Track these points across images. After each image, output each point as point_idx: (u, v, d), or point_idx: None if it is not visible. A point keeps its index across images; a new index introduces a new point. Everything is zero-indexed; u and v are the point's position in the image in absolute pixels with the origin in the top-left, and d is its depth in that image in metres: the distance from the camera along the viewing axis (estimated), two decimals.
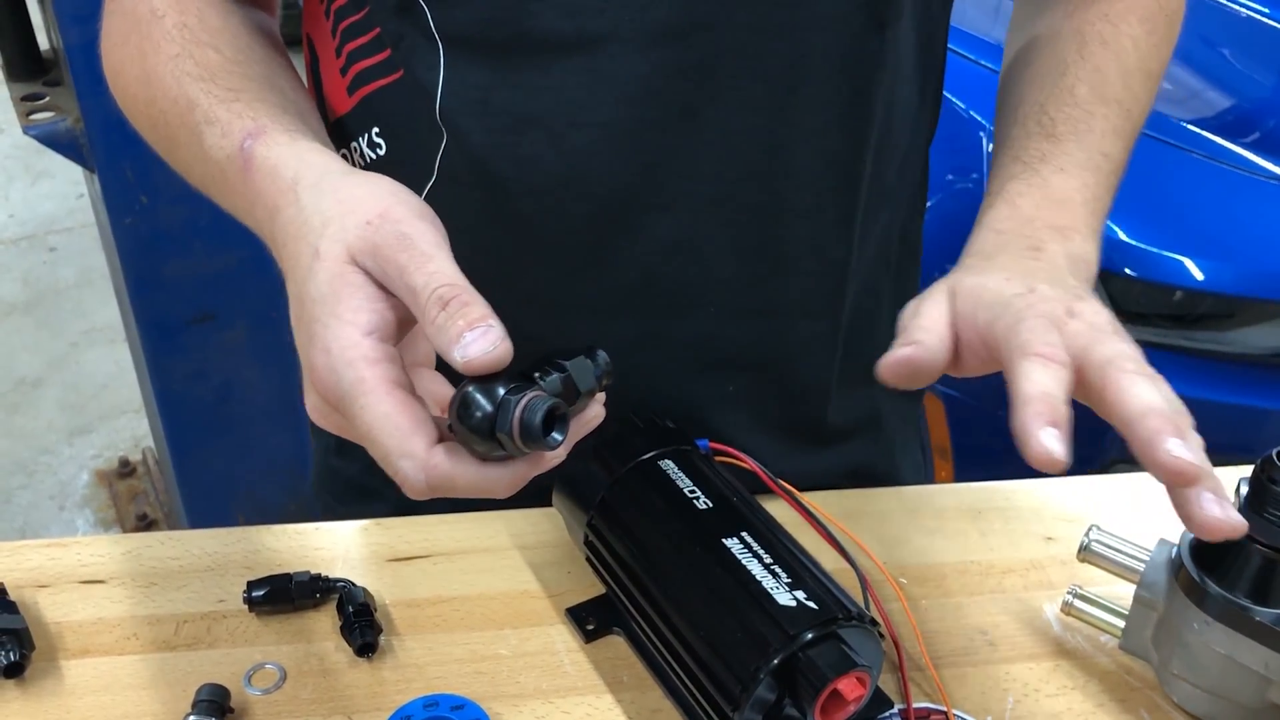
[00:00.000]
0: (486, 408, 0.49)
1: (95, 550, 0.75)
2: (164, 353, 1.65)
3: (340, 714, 0.65)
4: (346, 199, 0.54)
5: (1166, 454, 0.50)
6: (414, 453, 0.49)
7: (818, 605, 0.59)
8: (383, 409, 0.49)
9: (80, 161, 1.50)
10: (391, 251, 0.51)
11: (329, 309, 0.51)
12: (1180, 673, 0.64)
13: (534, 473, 0.52)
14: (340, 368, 0.50)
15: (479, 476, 0.50)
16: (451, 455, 0.50)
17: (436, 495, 0.51)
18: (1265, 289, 1.59)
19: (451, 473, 0.50)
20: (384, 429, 0.49)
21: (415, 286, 0.50)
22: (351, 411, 0.50)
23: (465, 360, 0.48)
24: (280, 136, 0.60)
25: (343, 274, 0.52)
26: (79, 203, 3.30)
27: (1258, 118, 1.91)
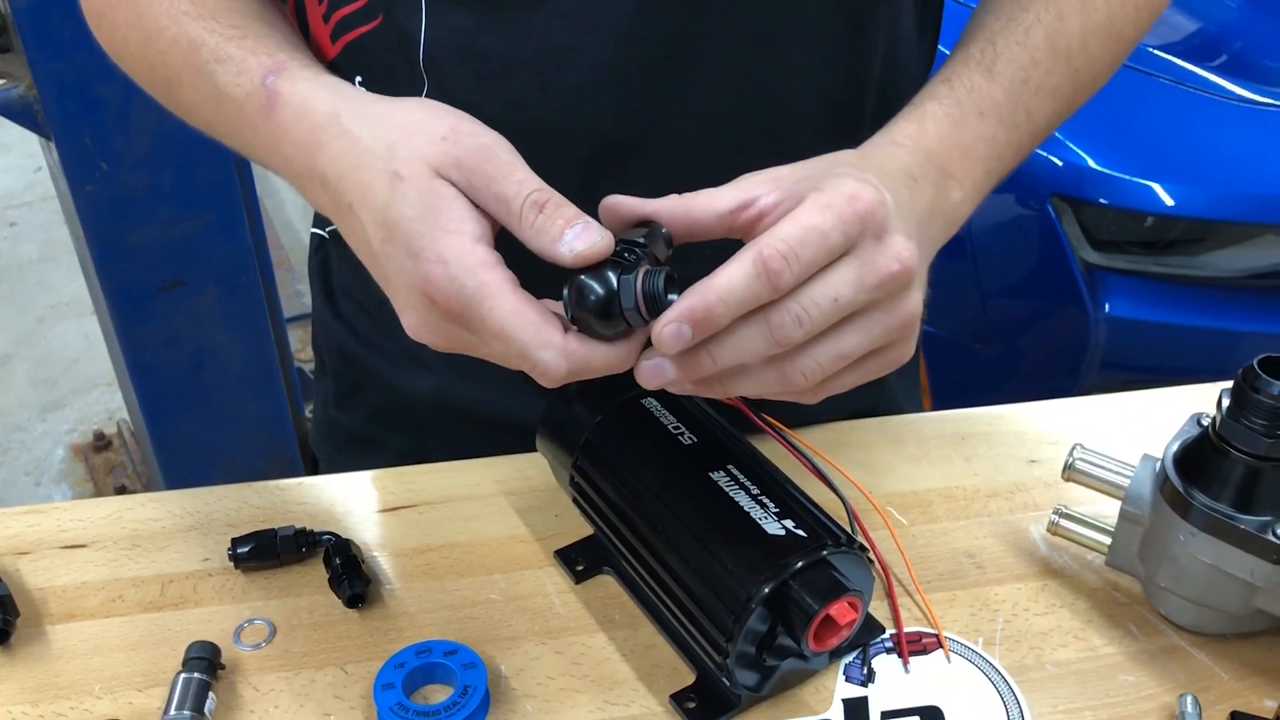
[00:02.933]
0: (603, 290, 0.52)
1: (75, 515, 0.74)
2: (134, 322, 1.62)
3: (333, 665, 0.64)
4: (405, 122, 0.55)
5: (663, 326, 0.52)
6: (551, 341, 0.52)
7: (806, 533, 0.59)
8: (511, 306, 0.51)
9: (35, 129, 1.47)
10: (475, 162, 0.53)
11: (431, 223, 0.52)
12: (1167, 585, 0.64)
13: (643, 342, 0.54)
14: (461, 275, 0.51)
15: (609, 353, 0.53)
16: (581, 340, 0.52)
17: (572, 379, 0.53)
18: (1235, 211, 1.60)
19: (587, 354, 0.52)
20: (517, 324, 0.51)
21: (506, 195, 0.52)
22: (479, 315, 0.52)
23: (575, 254, 0.51)
24: (303, 71, 0.59)
25: (434, 188, 0.53)
26: (37, 176, 3.25)
27: (1224, 41, 1.91)
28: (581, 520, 0.71)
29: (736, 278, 0.51)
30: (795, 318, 0.52)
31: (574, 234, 0.52)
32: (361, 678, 0.63)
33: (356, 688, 0.63)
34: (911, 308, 0.55)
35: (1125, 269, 1.62)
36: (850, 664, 0.65)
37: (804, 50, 0.68)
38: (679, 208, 0.55)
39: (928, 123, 0.63)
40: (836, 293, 0.52)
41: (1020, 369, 1.76)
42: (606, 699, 0.63)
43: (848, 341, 0.54)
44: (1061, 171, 1.60)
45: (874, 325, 0.54)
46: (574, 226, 0.52)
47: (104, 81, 1.42)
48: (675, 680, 0.63)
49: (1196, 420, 0.64)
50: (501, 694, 0.63)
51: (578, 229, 0.52)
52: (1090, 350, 1.62)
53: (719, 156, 0.70)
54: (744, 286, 0.51)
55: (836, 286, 0.52)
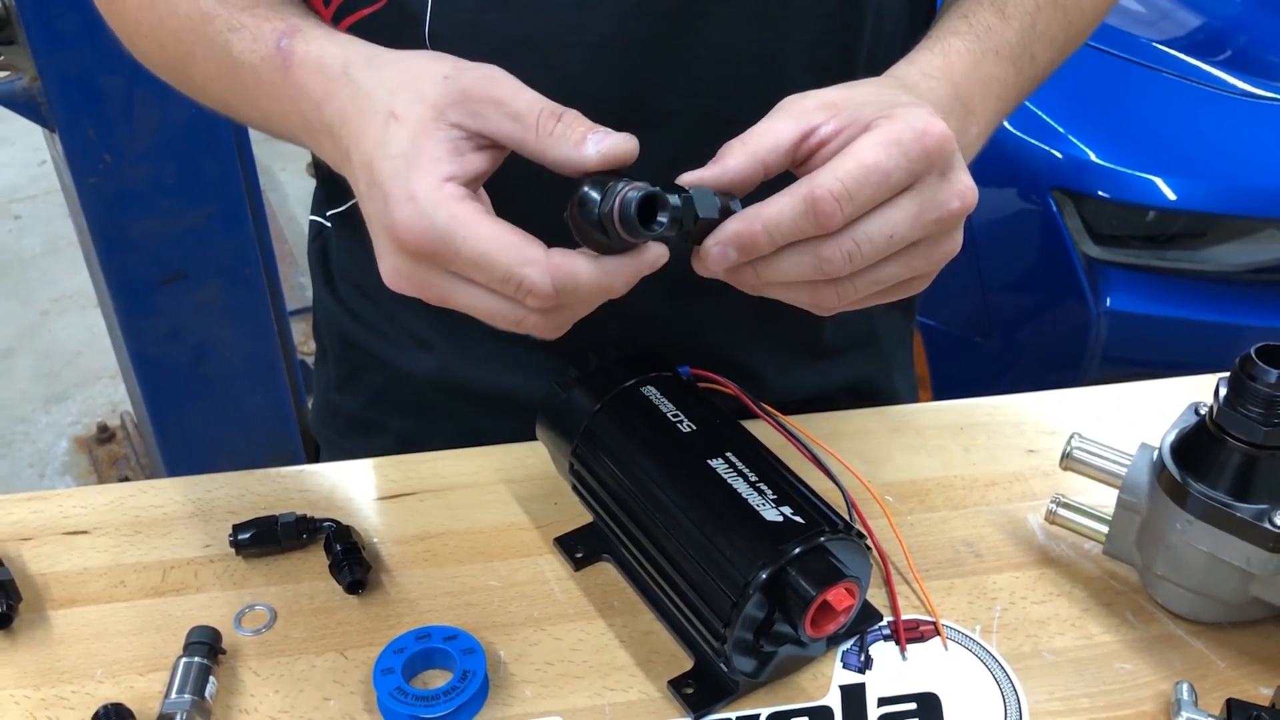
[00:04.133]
0: (598, 196, 0.50)
1: (77, 502, 0.74)
2: (137, 314, 1.63)
3: (333, 650, 0.65)
4: (409, 69, 0.55)
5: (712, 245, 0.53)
6: (534, 258, 0.50)
7: (804, 519, 0.59)
8: (488, 232, 0.50)
9: (39, 121, 1.47)
10: (483, 89, 0.52)
11: (409, 162, 0.51)
12: (1164, 573, 0.65)
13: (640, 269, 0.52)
14: (431, 210, 0.50)
15: (599, 268, 0.51)
16: (566, 253, 0.50)
17: (561, 301, 0.51)
18: (1237, 206, 1.60)
19: (574, 267, 0.50)
20: (497, 247, 0.50)
21: (520, 110, 0.51)
22: (454, 247, 0.50)
23: (600, 151, 0.50)
24: (316, 31, 0.59)
25: (425, 129, 0.52)
26: (41, 169, 3.25)
27: (1228, 36, 1.91)
28: (581, 508, 0.71)
29: (785, 213, 0.51)
30: (846, 254, 0.51)
31: (597, 138, 0.51)
32: (361, 663, 0.64)
33: (356, 673, 0.63)
34: (955, 245, 0.54)
35: (1126, 263, 1.62)
36: (848, 651, 0.65)
37: (800, 26, 0.69)
38: (750, 163, 0.54)
39: (952, 57, 0.63)
40: (893, 229, 0.51)
41: (1021, 363, 1.76)
42: (605, 685, 0.63)
43: (887, 271, 0.54)
44: (1063, 165, 1.61)
45: (916, 258, 0.54)
46: (597, 133, 0.51)
47: (108, 74, 1.42)
48: (673, 666, 0.64)
49: (1194, 409, 0.64)
50: (500, 679, 0.63)
51: (601, 133, 0.51)
52: (1091, 344, 1.62)
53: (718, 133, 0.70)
54: (791, 222, 0.51)
55: (894, 224, 0.52)
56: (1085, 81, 1.72)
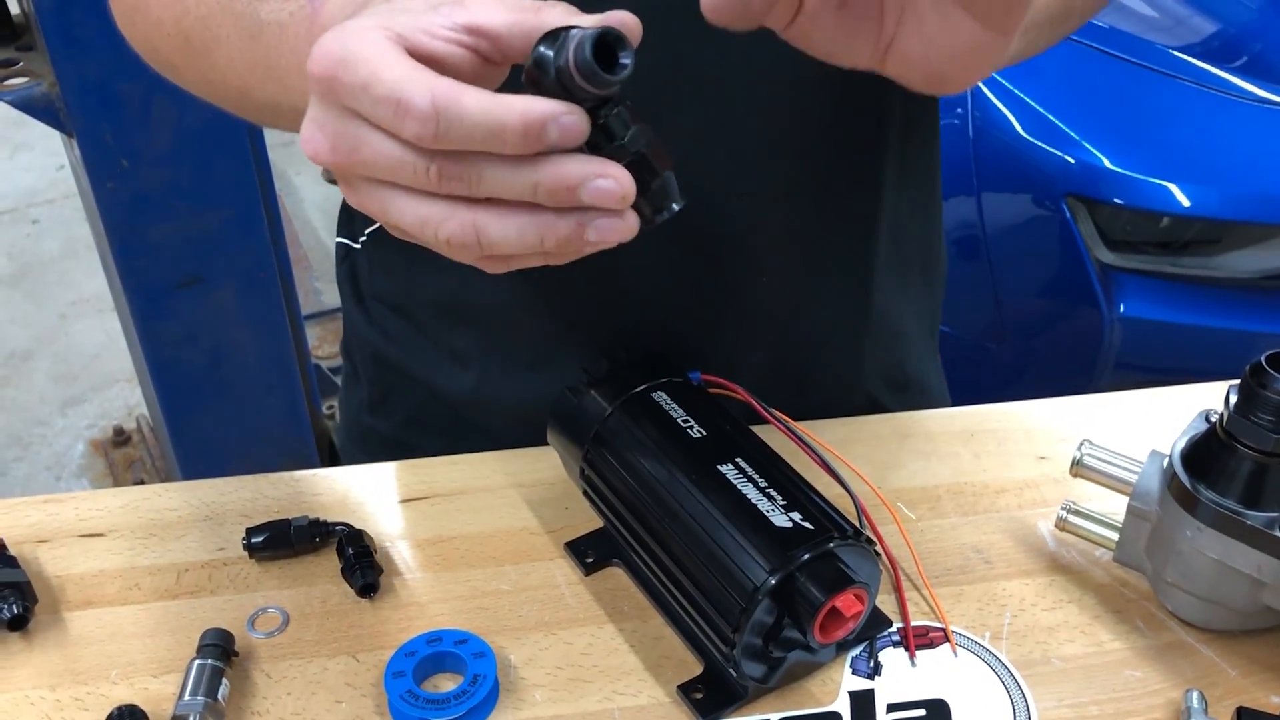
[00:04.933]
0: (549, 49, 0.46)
1: (93, 504, 0.75)
2: (153, 318, 1.64)
3: (345, 653, 0.65)
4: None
5: None
6: (420, 76, 0.46)
7: (813, 525, 0.59)
8: (389, 55, 0.46)
9: (58, 126, 1.49)
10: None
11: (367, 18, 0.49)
12: (1174, 581, 0.64)
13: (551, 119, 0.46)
14: (348, 37, 0.47)
15: (492, 99, 0.45)
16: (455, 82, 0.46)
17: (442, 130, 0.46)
18: (1251, 212, 1.59)
19: (461, 91, 0.45)
20: (388, 64, 0.46)
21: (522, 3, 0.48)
22: (351, 68, 0.46)
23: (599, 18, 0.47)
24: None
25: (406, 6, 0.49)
26: (60, 174, 3.28)
27: (1243, 42, 1.90)
28: (591, 512, 0.72)
29: None
30: None
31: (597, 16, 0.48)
32: (373, 666, 0.64)
33: (368, 676, 0.64)
34: None
35: (1140, 269, 1.61)
36: (857, 657, 0.65)
37: None
38: None
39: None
40: None
41: (1035, 369, 1.76)
42: (614, 689, 0.63)
43: None
44: (1077, 171, 1.60)
45: None
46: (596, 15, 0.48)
47: (125, 79, 1.43)
48: (683, 671, 0.64)
49: (1204, 416, 0.64)
50: (511, 683, 0.63)
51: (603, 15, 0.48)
52: (1105, 350, 1.61)
53: (749, 107, 0.70)
54: None
55: None
56: (1099, 87, 1.72)
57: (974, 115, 1.64)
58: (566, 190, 0.47)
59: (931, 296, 0.90)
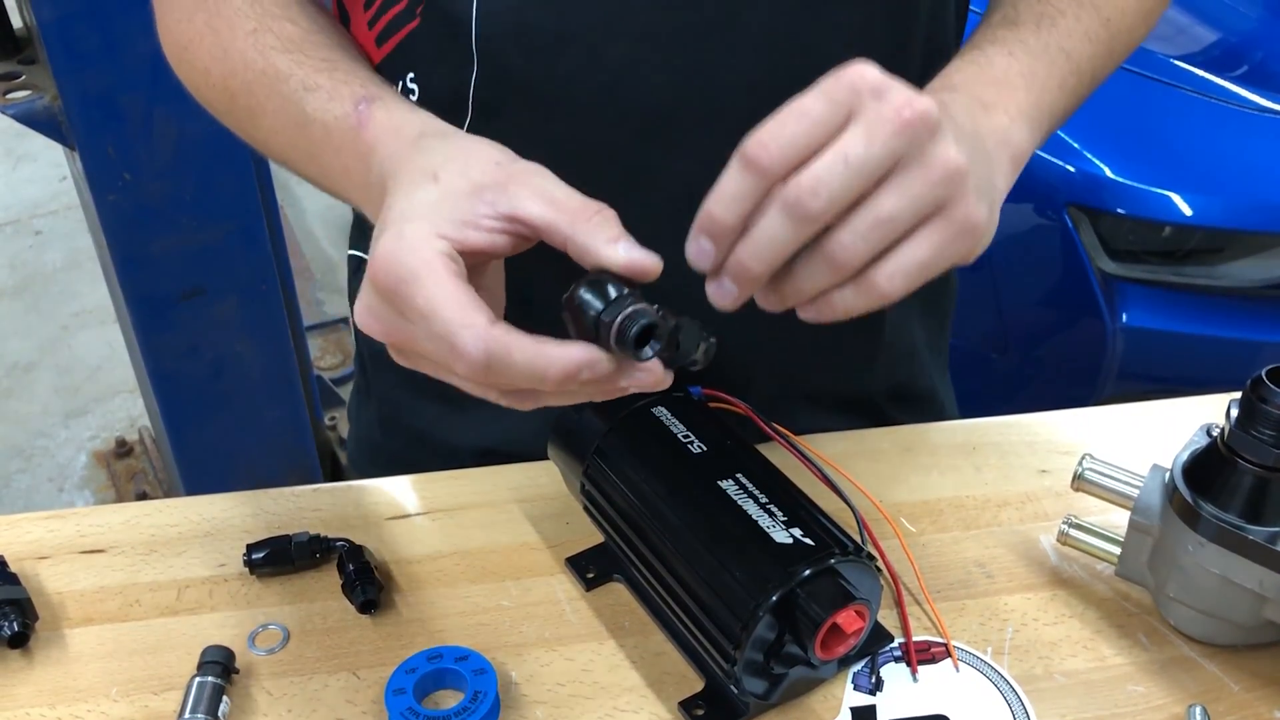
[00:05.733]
0: (603, 297, 0.51)
1: (94, 520, 0.75)
2: (155, 330, 1.64)
3: (345, 670, 0.65)
4: (468, 148, 0.56)
5: None
6: (475, 322, 0.50)
7: (814, 541, 0.59)
8: (447, 288, 0.50)
9: (60, 139, 1.49)
10: (527, 176, 0.53)
11: (419, 213, 0.52)
12: (1176, 595, 0.64)
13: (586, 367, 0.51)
14: (408, 250, 0.51)
15: (536, 350, 0.50)
16: (508, 329, 0.50)
17: (490, 373, 0.51)
18: (1254, 221, 1.59)
19: (509, 343, 0.50)
20: (446, 301, 0.50)
21: (559, 197, 0.52)
22: (410, 290, 0.50)
23: (629, 255, 0.51)
24: (394, 100, 0.61)
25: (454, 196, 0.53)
26: (62, 185, 3.28)
27: (1244, 51, 1.90)
28: (592, 528, 0.71)
29: (726, 182, 0.51)
30: (810, 188, 0.50)
31: (629, 243, 0.52)
32: (373, 683, 0.64)
33: (368, 693, 0.64)
34: (946, 155, 0.52)
35: (1143, 279, 1.61)
36: (858, 672, 0.65)
37: (848, 12, 0.68)
38: None
39: (952, 74, 0.63)
40: (846, 151, 0.50)
41: (1037, 379, 1.75)
42: (615, 705, 0.63)
43: (884, 203, 0.51)
44: (1079, 181, 1.60)
45: (910, 181, 0.51)
46: (629, 239, 0.52)
47: (127, 92, 1.44)
48: (684, 687, 0.64)
49: (1206, 430, 0.64)
50: (512, 700, 0.63)
51: (632, 242, 0.52)
52: (1107, 360, 1.61)
53: None
54: (733, 184, 0.51)
55: (844, 146, 0.50)
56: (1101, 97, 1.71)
57: None
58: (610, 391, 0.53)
59: (941, 316, 0.90)
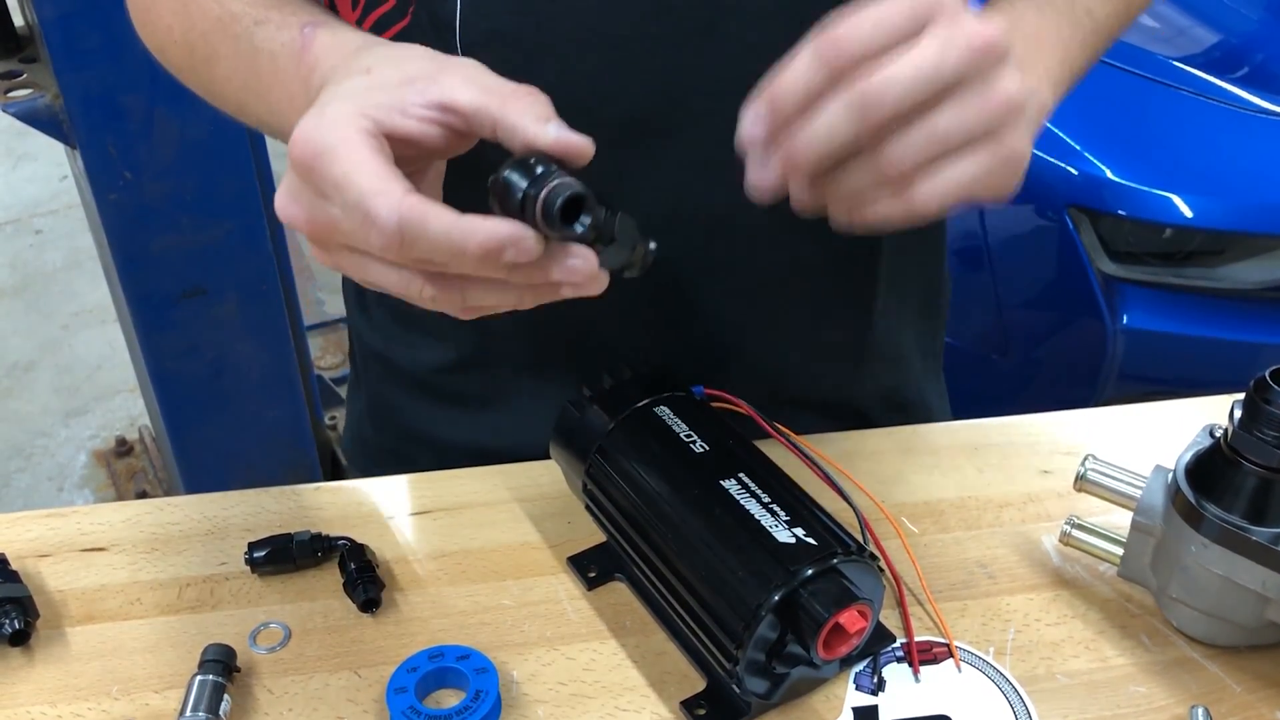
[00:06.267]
0: (527, 176, 0.49)
1: (95, 519, 0.75)
2: (156, 329, 1.64)
3: (347, 669, 0.65)
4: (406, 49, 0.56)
5: None
6: (389, 189, 0.48)
7: (817, 541, 0.59)
8: (364, 155, 0.49)
9: (61, 138, 1.49)
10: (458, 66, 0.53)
11: (346, 96, 0.52)
12: (1179, 596, 0.64)
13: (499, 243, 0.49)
14: (327, 126, 0.50)
15: (454, 220, 0.48)
16: (425, 199, 0.49)
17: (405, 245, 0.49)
18: (1255, 223, 1.59)
19: (426, 211, 0.48)
20: (360, 168, 0.49)
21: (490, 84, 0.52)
22: (327, 162, 0.49)
23: (559, 134, 0.50)
24: (341, 26, 0.61)
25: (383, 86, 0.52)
26: (63, 185, 3.28)
27: (1245, 53, 1.90)
28: (594, 527, 0.71)
29: (797, 66, 0.51)
30: (878, 89, 0.50)
31: (560, 125, 0.51)
32: (375, 682, 0.64)
33: (370, 692, 0.64)
34: (1008, 85, 0.52)
35: (1143, 280, 1.61)
36: (860, 672, 0.65)
37: None
38: None
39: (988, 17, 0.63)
40: (919, 62, 0.50)
41: (1038, 380, 1.76)
42: (617, 705, 0.63)
43: (941, 120, 0.52)
44: (1079, 182, 1.60)
45: (967, 104, 0.52)
46: (560, 121, 0.51)
47: (128, 92, 1.44)
48: (686, 687, 0.64)
49: (1209, 431, 0.64)
50: (513, 699, 0.63)
51: (564, 124, 0.51)
52: (1108, 362, 1.61)
53: None
54: (803, 70, 0.51)
55: (918, 58, 0.50)
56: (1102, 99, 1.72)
57: None
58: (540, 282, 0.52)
59: (934, 321, 0.90)
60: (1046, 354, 1.74)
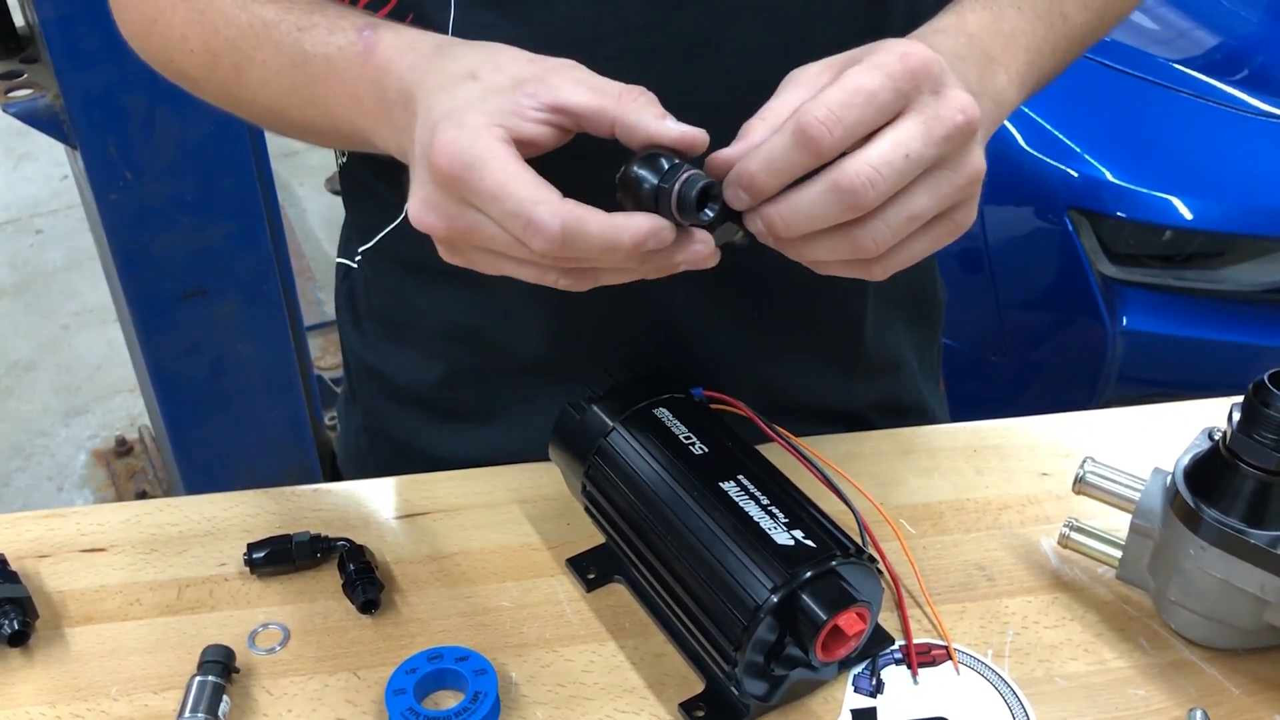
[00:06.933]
0: (657, 171, 0.53)
1: (94, 519, 0.75)
2: (156, 330, 1.64)
3: (345, 670, 0.65)
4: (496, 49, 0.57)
5: None
6: (548, 198, 0.51)
7: (815, 543, 0.59)
8: (513, 168, 0.52)
9: (61, 138, 1.49)
10: (564, 69, 0.55)
11: (469, 105, 0.53)
12: (1177, 599, 0.64)
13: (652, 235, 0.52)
14: (470, 137, 0.52)
15: (609, 221, 0.52)
16: (580, 204, 0.52)
17: (566, 247, 0.51)
18: (1255, 225, 1.59)
19: (584, 215, 0.51)
20: (518, 181, 0.51)
21: (600, 84, 0.54)
22: (478, 174, 0.52)
23: (680, 129, 0.53)
24: (400, 27, 0.61)
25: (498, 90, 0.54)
26: (63, 184, 3.28)
27: (1245, 55, 1.90)
28: (593, 529, 0.71)
29: (777, 147, 0.52)
30: (868, 180, 0.51)
31: (675, 120, 0.53)
32: (374, 683, 0.64)
33: (369, 693, 0.64)
34: (977, 164, 0.54)
35: (1143, 282, 1.61)
36: (859, 674, 0.65)
37: (825, 31, 0.68)
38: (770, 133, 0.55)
39: (966, 14, 0.64)
40: (907, 149, 0.51)
41: (1037, 382, 1.76)
42: (616, 707, 0.63)
43: (918, 202, 0.53)
44: (1079, 184, 1.60)
45: (943, 184, 0.53)
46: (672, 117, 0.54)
47: (129, 92, 1.44)
48: (684, 689, 0.64)
49: (1207, 434, 0.64)
50: (512, 700, 0.63)
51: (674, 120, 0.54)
52: (1107, 364, 1.61)
53: None
54: (784, 155, 0.52)
55: (906, 143, 0.51)
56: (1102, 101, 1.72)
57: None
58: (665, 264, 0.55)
59: (928, 330, 0.90)
60: (1046, 356, 1.74)
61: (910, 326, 0.87)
